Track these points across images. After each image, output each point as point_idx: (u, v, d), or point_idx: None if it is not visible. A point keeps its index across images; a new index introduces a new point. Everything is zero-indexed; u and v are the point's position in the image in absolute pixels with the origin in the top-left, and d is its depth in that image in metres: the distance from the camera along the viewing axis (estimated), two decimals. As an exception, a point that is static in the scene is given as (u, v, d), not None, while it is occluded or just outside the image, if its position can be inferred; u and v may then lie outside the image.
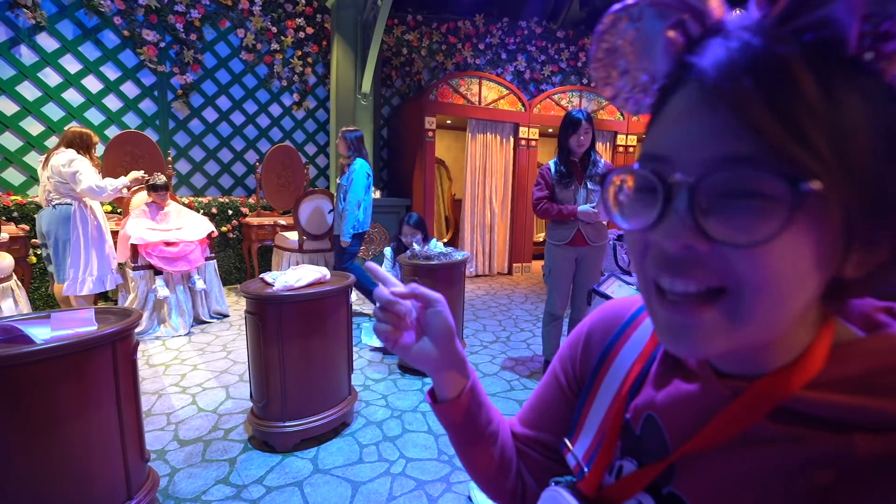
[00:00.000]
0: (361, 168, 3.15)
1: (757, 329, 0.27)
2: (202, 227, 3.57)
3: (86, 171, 2.91)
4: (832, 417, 0.27)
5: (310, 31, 5.34)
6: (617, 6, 0.31)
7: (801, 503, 0.26)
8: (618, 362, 0.42)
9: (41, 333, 1.21)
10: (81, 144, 3.02)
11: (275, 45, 5.17)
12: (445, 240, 6.61)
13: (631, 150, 6.13)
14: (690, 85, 0.26)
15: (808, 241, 0.24)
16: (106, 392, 1.28)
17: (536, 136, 5.71)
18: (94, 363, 1.25)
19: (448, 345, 0.45)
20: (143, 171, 3.30)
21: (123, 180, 3.12)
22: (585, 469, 0.40)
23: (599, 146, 5.85)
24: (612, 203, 0.30)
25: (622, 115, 5.95)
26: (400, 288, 0.44)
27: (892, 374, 0.26)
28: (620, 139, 6.06)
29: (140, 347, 2.97)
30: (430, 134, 5.17)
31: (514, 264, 5.87)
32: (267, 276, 2.01)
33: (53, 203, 2.95)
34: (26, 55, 3.91)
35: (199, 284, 3.44)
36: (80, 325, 1.30)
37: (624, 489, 0.35)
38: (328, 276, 2.06)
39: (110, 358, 1.29)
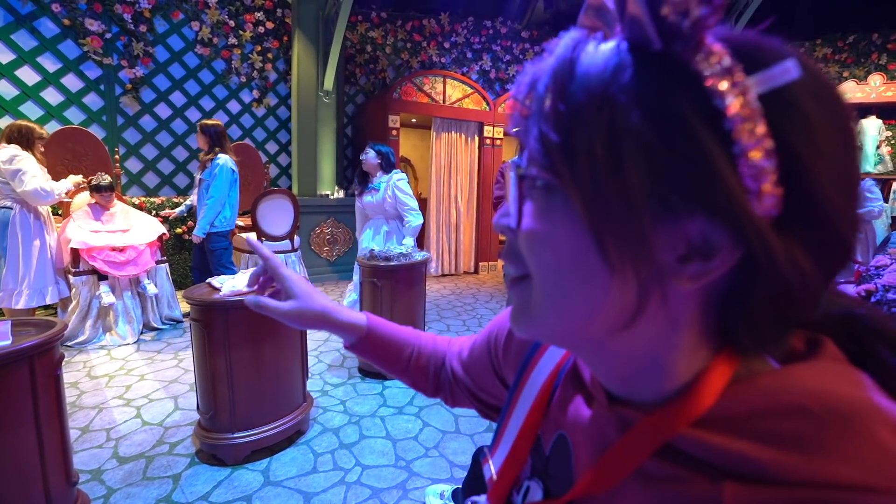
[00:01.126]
0: (226, 164, 3.10)
1: (558, 320, 0.28)
2: (152, 228, 3.39)
3: (31, 171, 2.70)
4: (708, 459, 0.25)
5: (270, 25, 5.18)
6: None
7: None
8: (535, 374, 0.41)
9: (-56, 350, 1.10)
10: (22, 139, 2.79)
11: (232, 40, 4.98)
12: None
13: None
14: None
15: (566, 233, 0.26)
16: (22, 412, 1.17)
17: (501, 136, 5.73)
18: (6, 381, 1.14)
19: (313, 298, 0.53)
20: (80, 176, 3.10)
21: (66, 184, 2.91)
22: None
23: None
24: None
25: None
26: (243, 284, 0.49)
27: (770, 418, 0.23)
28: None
29: (81, 358, 2.82)
30: (395, 132, 5.11)
31: (481, 263, 5.88)
32: (214, 281, 1.92)
33: (-10, 205, 2.73)
34: (-48, 44, 3.62)
35: (151, 290, 3.25)
36: (-8, 339, 1.20)
37: None
38: (280, 280, 1.98)
39: (27, 374, 1.18)
